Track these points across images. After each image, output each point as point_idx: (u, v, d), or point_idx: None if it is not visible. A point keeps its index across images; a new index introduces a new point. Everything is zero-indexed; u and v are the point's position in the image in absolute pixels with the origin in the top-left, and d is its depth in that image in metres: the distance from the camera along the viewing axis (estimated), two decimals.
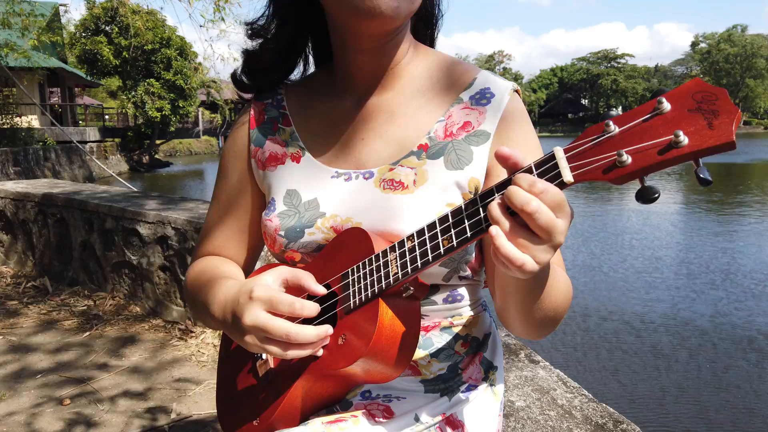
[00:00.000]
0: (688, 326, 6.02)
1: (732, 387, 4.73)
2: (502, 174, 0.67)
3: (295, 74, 0.91)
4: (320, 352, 0.67)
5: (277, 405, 0.69)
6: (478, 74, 0.80)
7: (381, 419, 0.73)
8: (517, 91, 0.79)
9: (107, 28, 23.07)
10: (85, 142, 21.36)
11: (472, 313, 0.83)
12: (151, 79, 23.35)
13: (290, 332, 0.63)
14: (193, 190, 19.23)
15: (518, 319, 0.70)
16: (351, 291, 0.68)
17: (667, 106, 0.49)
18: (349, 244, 0.70)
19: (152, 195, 3.76)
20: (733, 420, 4.23)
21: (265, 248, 0.89)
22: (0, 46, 12.35)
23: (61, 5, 21.32)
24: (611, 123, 0.51)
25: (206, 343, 2.77)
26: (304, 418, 0.73)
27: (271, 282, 0.67)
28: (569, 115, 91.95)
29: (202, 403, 2.23)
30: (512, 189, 0.53)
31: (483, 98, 0.77)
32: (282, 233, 0.78)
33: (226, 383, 0.81)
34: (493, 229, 0.53)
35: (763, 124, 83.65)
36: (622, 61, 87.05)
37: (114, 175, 16.08)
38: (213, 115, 37.66)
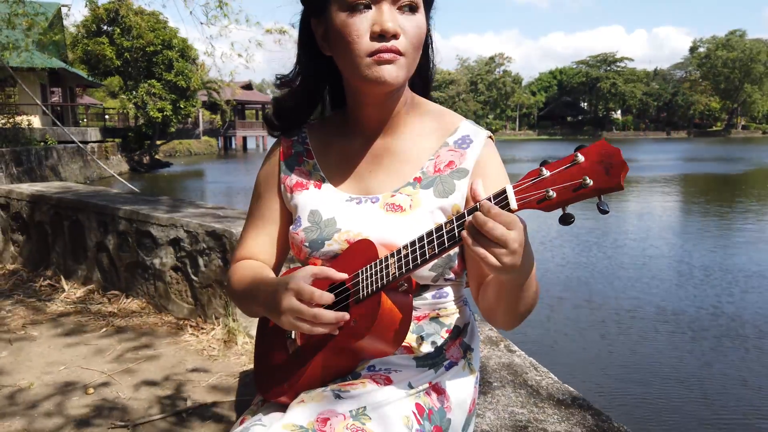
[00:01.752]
0: (676, 317, 6.26)
1: (713, 370, 4.98)
2: None
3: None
4: (336, 332, 0.88)
5: (302, 372, 0.91)
6: (461, 123, 1.02)
7: (382, 385, 0.95)
8: (490, 137, 1.01)
9: (109, 29, 23.24)
10: (86, 143, 21.51)
11: (455, 307, 1.05)
12: (153, 80, 23.52)
13: (317, 314, 0.85)
14: (194, 191, 19.41)
15: (505, 314, 0.93)
16: (360, 286, 0.90)
17: (581, 158, 0.70)
18: (360, 252, 0.92)
19: (165, 198, 3.95)
20: (709, 403, 4.46)
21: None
22: (4, 46, 12.53)
23: (63, 6, 21.51)
24: (544, 169, 0.73)
25: (216, 338, 2.95)
26: (323, 385, 0.94)
27: (301, 276, 0.88)
28: (568, 118, 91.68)
29: (215, 391, 2.42)
30: (476, 213, 0.75)
31: (464, 143, 0.99)
32: (307, 244, 1.00)
33: (262, 356, 1.03)
34: (464, 233, 0.76)
35: (761, 129, 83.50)
36: (621, 64, 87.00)
37: (115, 175, 16.20)
38: (213, 116, 37.84)
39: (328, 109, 1.13)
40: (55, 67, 21.67)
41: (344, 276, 0.91)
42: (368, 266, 0.90)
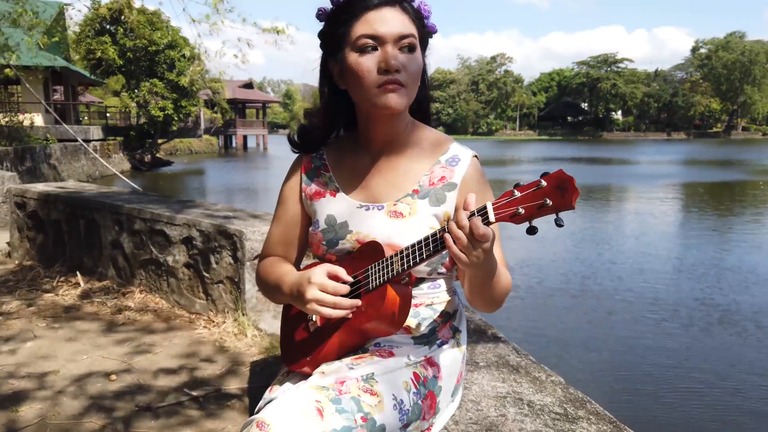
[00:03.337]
0: (663, 305, 6.52)
1: (697, 353, 5.24)
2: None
3: None
4: (350, 315, 1.09)
5: (322, 348, 1.12)
6: (451, 144, 1.24)
7: (387, 357, 1.16)
8: (475, 156, 1.22)
9: (111, 29, 23.40)
10: (89, 141, 21.65)
11: (447, 296, 1.27)
12: (155, 79, 23.70)
13: (336, 301, 1.06)
14: (196, 190, 19.59)
15: (480, 299, 1.16)
16: (370, 279, 1.10)
17: (544, 183, 0.90)
18: (369, 251, 1.13)
19: (178, 199, 4.15)
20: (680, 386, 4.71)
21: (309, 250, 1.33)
22: (4, 48, 12.70)
23: (66, 4, 21.66)
24: (516, 191, 0.93)
25: (227, 331, 3.14)
26: (338, 358, 1.16)
27: (319, 272, 1.09)
28: (569, 119, 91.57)
29: (228, 379, 2.61)
30: (453, 230, 0.98)
31: (454, 161, 1.21)
32: (324, 243, 1.21)
33: (288, 335, 1.24)
34: (447, 236, 0.98)
35: (761, 130, 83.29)
36: (622, 65, 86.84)
37: (117, 173, 16.35)
38: (214, 115, 37.98)
39: (341, 131, 1.34)
40: (58, 66, 21.83)
41: (349, 279, 1.12)
42: (377, 263, 1.11)
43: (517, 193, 0.93)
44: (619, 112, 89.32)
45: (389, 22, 1.11)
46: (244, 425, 1.00)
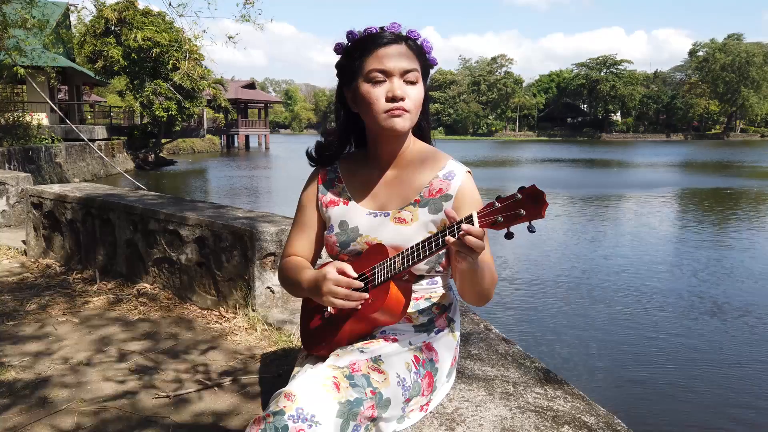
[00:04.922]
0: (652, 303, 6.71)
1: (683, 342, 5.45)
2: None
3: None
4: (360, 307, 1.29)
5: (335, 335, 1.32)
6: (448, 161, 1.44)
7: (391, 342, 1.36)
8: (469, 171, 1.41)
9: (116, 29, 23.58)
10: (94, 140, 21.85)
11: (443, 291, 1.47)
12: (159, 80, 23.88)
13: (348, 294, 1.26)
14: (199, 189, 19.76)
15: (470, 293, 1.36)
16: (376, 276, 1.30)
17: (520, 196, 1.09)
18: (376, 252, 1.33)
19: (190, 200, 4.33)
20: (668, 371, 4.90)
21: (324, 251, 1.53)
22: (11, 50, 12.91)
23: (71, 5, 21.85)
24: (497, 202, 1.12)
25: (238, 326, 3.32)
26: (350, 343, 1.36)
27: (333, 270, 1.29)
28: (568, 120, 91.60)
29: (240, 370, 2.78)
30: (464, 229, 1.16)
31: (450, 176, 1.41)
32: (338, 245, 1.41)
33: (306, 323, 1.45)
34: (449, 237, 1.17)
35: (759, 132, 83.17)
36: (621, 67, 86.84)
37: (122, 172, 16.52)
38: (217, 115, 38.15)
39: (352, 147, 1.54)
40: (64, 66, 22.00)
41: (354, 275, 1.31)
42: (382, 262, 1.31)
43: (498, 204, 1.12)
44: (618, 114, 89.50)
45: (396, 58, 1.32)
46: (273, 397, 1.19)
